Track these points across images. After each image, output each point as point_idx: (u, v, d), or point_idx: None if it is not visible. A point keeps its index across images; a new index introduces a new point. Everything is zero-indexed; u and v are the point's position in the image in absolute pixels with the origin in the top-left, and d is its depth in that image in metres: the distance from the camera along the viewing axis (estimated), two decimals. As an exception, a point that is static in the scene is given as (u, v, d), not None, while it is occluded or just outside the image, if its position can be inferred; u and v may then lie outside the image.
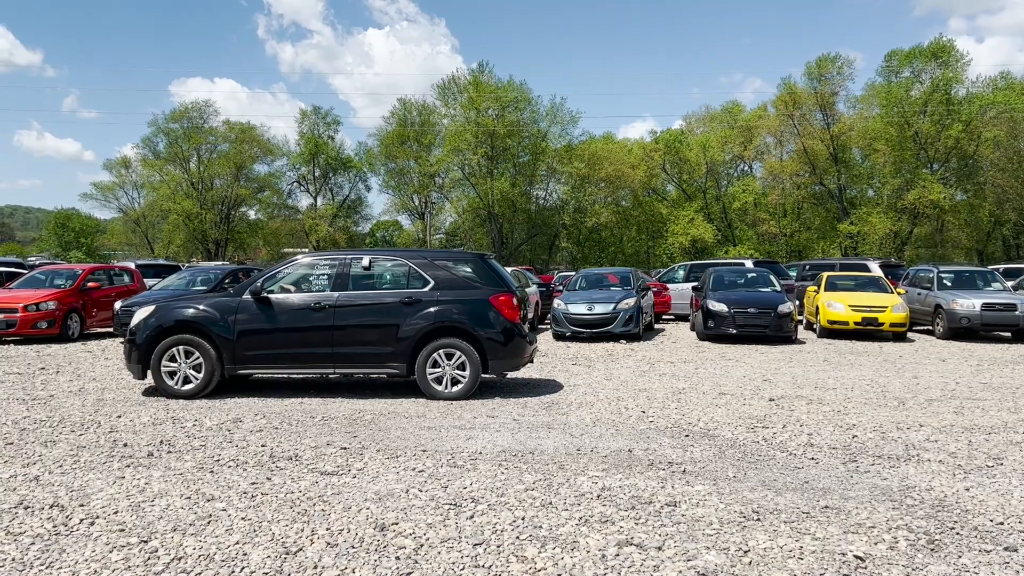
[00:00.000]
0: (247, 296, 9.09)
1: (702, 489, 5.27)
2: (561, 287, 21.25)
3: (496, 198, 51.71)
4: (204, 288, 17.04)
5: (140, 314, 9.27)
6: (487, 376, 9.39)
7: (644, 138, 64.50)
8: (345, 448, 6.45)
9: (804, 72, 51.87)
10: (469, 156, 52.01)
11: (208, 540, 4.30)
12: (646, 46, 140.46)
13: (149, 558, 4.06)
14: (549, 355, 13.68)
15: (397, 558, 4.04)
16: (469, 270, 9.51)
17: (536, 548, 4.17)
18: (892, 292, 17.92)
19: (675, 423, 7.62)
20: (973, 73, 59.92)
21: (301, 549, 4.17)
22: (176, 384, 8.97)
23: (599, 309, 16.52)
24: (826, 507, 4.88)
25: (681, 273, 24.75)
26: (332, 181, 65.00)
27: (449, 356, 9.04)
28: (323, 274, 9.39)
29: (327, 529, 4.47)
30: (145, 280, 19.90)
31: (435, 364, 9.04)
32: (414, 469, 5.77)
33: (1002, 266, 27.90)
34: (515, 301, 9.42)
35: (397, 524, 4.55)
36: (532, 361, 9.99)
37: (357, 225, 67.83)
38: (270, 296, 9.11)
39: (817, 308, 17.76)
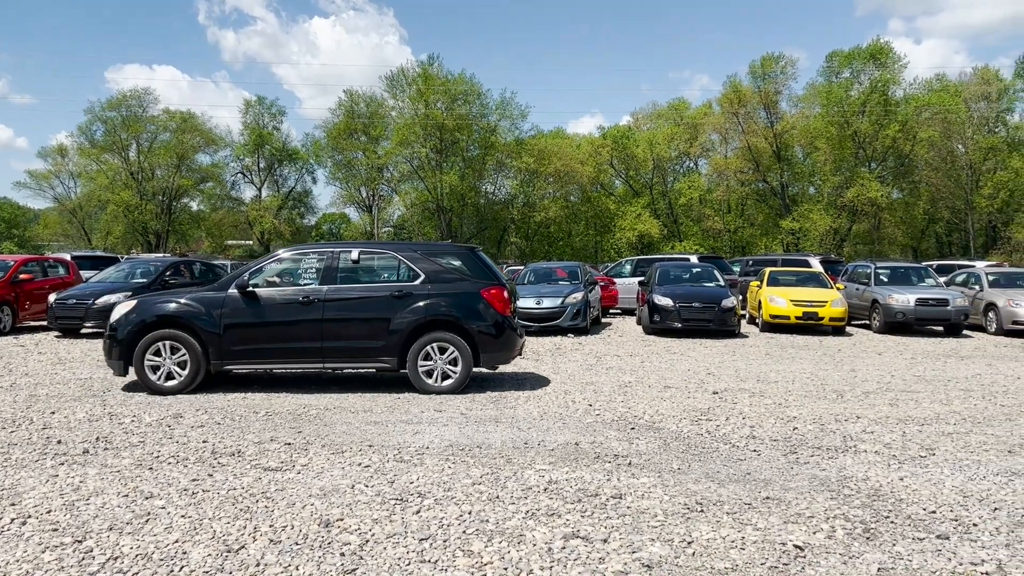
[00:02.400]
0: (233, 290, 8.90)
1: (647, 481, 5.33)
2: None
3: (445, 191, 51.54)
4: (144, 281, 16.62)
5: (120, 309, 9.03)
6: (478, 369, 9.33)
7: (593, 134, 65.12)
8: (289, 444, 6.36)
9: (749, 71, 52.91)
10: (418, 149, 51.71)
11: (146, 539, 4.19)
12: (596, 41, 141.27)
13: (84, 558, 3.94)
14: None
15: (342, 554, 4.00)
16: (459, 263, 9.47)
17: (483, 542, 4.17)
18: (831, 287, 18.38)
19: (621, 416, 7.69)
20: (910, 75, 61.78)
21: (243, 547, 4.10)
22: (160, 380, 8.75)
23: (547, 303, 16.58)
24: (767, 498, 4.98)
25: (628, 268, 25.00)
26: (277, 173, 64.02)
27: (441, 350, 9.00)
28: (311, 267, 9.27)
29: (270, 526, 4.39)
30: (82, 272, 19.32)
31: (426, 358, 8.98)
32: (360, 464, 5.72)
33: (935, 262, 28.85)
34: (506, 294, 9.39)
35: (342, 520, 4.50)
36: (521, 354, 9.90)
37: (303, 217, 66.93)
38: (257, 290, 8.95)
39: (760, 303, 18.12)
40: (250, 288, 8.91)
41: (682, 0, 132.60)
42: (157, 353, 8.74)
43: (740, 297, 19.38)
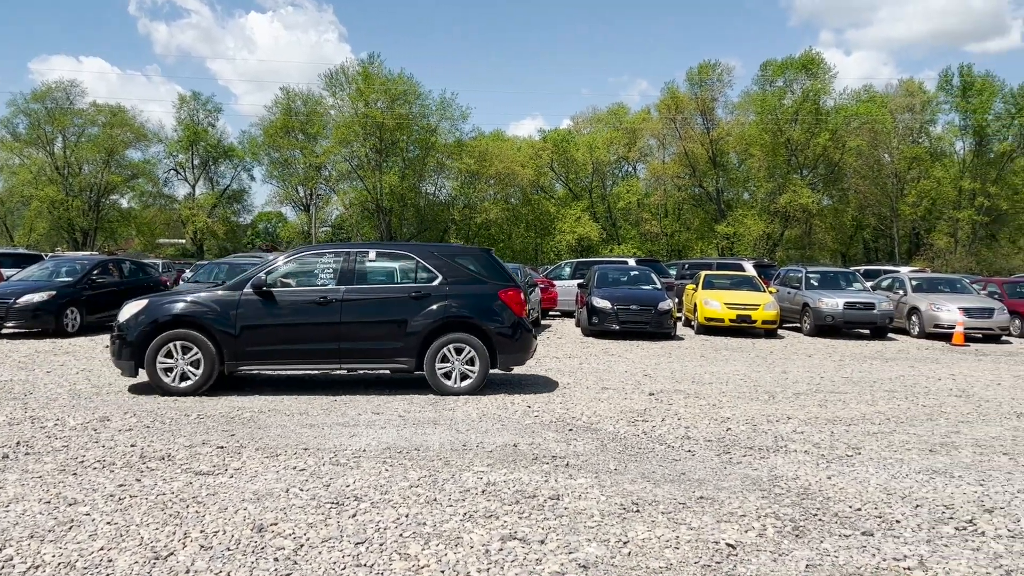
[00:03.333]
0: (248, 290, 8.76)
1: (584, 482, 5.37)
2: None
3: (385, 192, 51.14)
4: (69, 280, 16.05)
5: (130, 309, 8.80)
6: (495, 371, 9.31)
7: (533, 136, 65.37)
8: (222, 447, 6.22)
9: (686, 78, 53.88)
10: (357, 148, 51.18)
11: (69, 547, 4.04)
12: (536, 44, 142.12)
13: (3, 567, 3.78)
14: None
15: (276, 559, 3.92)
16: (475, 264, 9.48)
17: (420, 545, 4.14)
18: (764, 291, 18.82)
19: (559, 417, 7.74)
20: (840, 85, 63.68)
21: (172, 553, 3.99)
22: (173, 381, 8.56)
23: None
24: (701, 497, 5.07)
25: (567, 270, 25.17)
26: (213, 170, 62.55)
27: (458, 351, 9.00)
28: (327, 268, 9.13)
29: (201, 531, 4.29)
30: (3, 271, 18.55)
31: (444, 359, 8.97)
32: (295, 468, 5.62)
33: (863, 267, 29.82)
34: (522, 296, 9.45)
35: (276, 524, 4.42)
36: (533, 356, 9.89)
37: (239, 216, 65.53)
38: (274, 290, 8.82)
39: (695, 305, 18.45)
40: (266, 288, 8.79)
41: (621, 6, 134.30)
42: (169, 354, 8.57)
43: (676, 300, 19.70)
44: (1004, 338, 18.48)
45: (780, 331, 18.62)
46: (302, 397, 8.65)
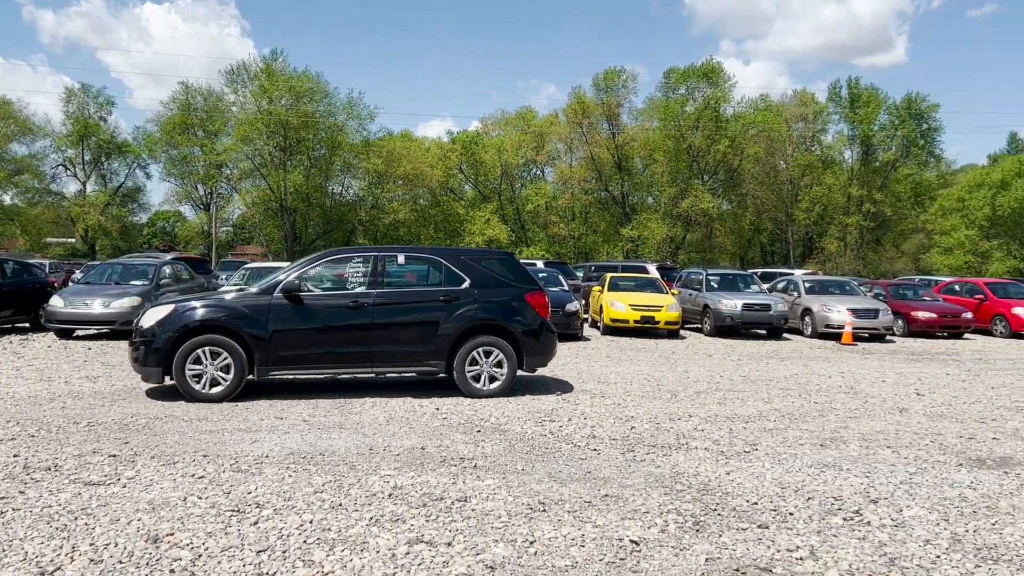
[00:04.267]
0: (279, 294, 8.65)
1: (492, 483, 5.39)
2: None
3: (289, 191, 49.95)
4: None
5: (155, 314, 8.58)
6: (522, 373, 9.46)
7: (442, 138, 65.19)
8: (114, 456, 5.94)
9: (592, 83, 54.84)
10: (260, 146, 49.78)
11: (-57, 566, 3.79)
12: (446, 45, 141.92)
13: None
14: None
15: (172, 571, 3.77)
16: (500, 268, 9.61)
17: (324, 551, 4.06)
18: (667, 293, 19.33)
19: (468, 419, 7.73)
20: (739, 94, 65.93)
21: (59, 568, 3.78)
22: (203, 387, 8.37)
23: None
24: (606, 495, 5.16)
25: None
26: (105, 166, 59.72)
27: (487, 353, 9.09)
28: (357, 271, 9.09)
29: (91, 544, 4.08)
30: None
31: (472, 362, 9.04)
32: (193, 475, 5.43)
33: (760, 270, 31.00)
34: (546, 298, 9.65)
35: (172, 535, 4.25)
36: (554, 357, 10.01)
37: (134, 215, 62.85)
38: (304, 294, 8.72)
39: (601, 307, 18.78)
40: (297, 292, 8.68)
41: (529, 11, 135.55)
42: (197, 360, 8.37)
43: (583, 301, 20.00)
44: (888, 337, 19.53)
45: (682, 332, 19.14)
46: (200, 403, 8.36)
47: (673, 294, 19.65)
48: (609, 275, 20.74)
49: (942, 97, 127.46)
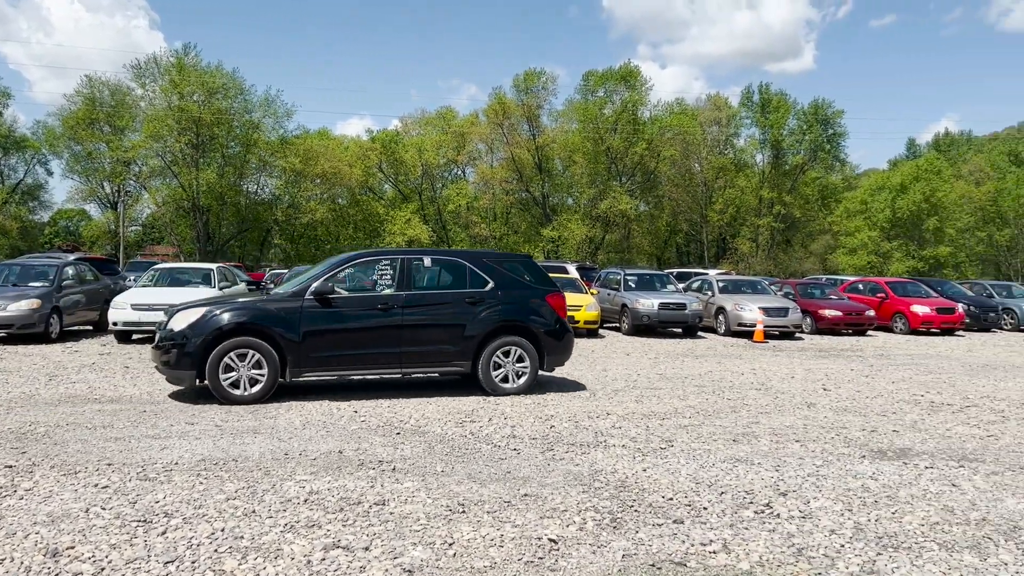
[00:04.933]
0: (310, 296, 8.72)
1: (411, 486, 5.33)
2: (273, 285, 20.45)
3: (202, 189, 48.47)
4: None
5: (185, 317, 8.54)
6: (543, 372, 9.78)
7: (361, 136, 64.46)
8: (10, 466, 5.63)
9: (513, 84, 55.10)
10: (171, 143, 48.12)
11: None
12: (365, 43, 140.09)
13: None
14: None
15: (72, 587, 3.60)
16: (521, 270, 9.92)
17: (236, 560, 3.95)
18: (586, 292, 19.56)
19: (387, 421, 7.65)
20: (655, 97, 67.40)
21: (-54, 589, 3.56)
22: (236, 390, 8.41)
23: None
24: (526, 495, 5.18)
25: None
26: (2, 163, 56.68)
27: (510, 353, 9.39)
28: (385, 274, 9.24)
29: (-17, 562, 3.86)
30: None
31: (497, 362, 9.32)
32: (97, 485, 5.19)
33: (675, 270, 31.68)
34: (565, 300, 10.01)
35: (73, 548, 4.05)
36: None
37: (34, 213, 59.91)
38: (334, 296, 8.84)
39: (522, 307, 18.83)
40: (328, 295, 8.77)
41: (450, 10, 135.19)
42: (230, 363, 8.39)
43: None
44: (797, 335, 20.25)
45: (601, 331, 19.41)
46: (106, 409, 8.03)
47: (592, 294, 19.91)
48: (529, 275, 20.82)
49: (847, 104, 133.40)
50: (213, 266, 17.70)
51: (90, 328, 16.95)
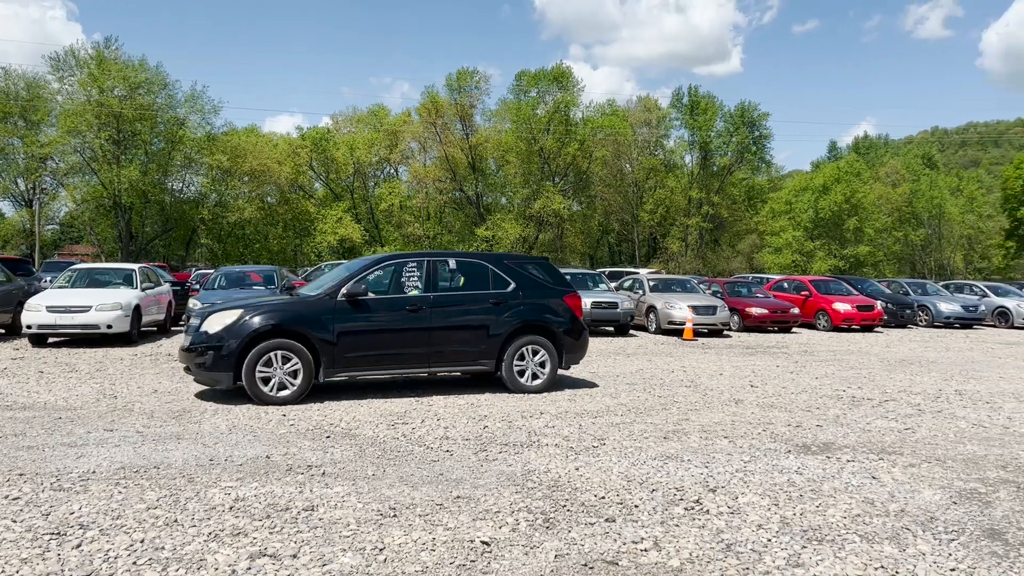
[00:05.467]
0: (342, 298, 8.90)
1: (341, 490, 5.23)
2: (199, 286, 19.91)
3: (124, 187, 46.77)
4: None
5: (220, 319, 8.63)
6: (561, 371, 10.12)
7: (291, 134, 63.27)
8: (-89, 480, 5.32)
9: (445, 83, 54.84)
10: (91, 139, 46.35)
11: None
12: (296, 38, 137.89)
13: None
14: (182, 359, 12.70)
15: (-23, 607, 3.41)
16: (539, 272, 10.26)
17: (156, 572, 3.80)
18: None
19: (317, 424, 7.50)
20: (587, 98, 68.07)
21: None
22: (272, 391, 8.50)
23: (240, 309, 15.73)
24: (458, 497, 5.13)
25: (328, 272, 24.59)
26: (-96, 158, 53.65)
27: (532, 352, 9.76)
28: (412, 275, 9.48)
29: None
30: None
31: (519, 361, 9.68)
32: (6, 497, 4.94)
33: (607, 269, 32.02)
34: (580, 300, 10.47)
35: (-21, 566, 3.84)
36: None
37: (-60, 211, 56.97)
38: (366, 298, 9.04)
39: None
40: (359, 296, 8.96)
41: (383, 7, 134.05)
42: (267, 364, 8.50)
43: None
44: (725, 332, 20.70)
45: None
46: (18, 416, 7.66)
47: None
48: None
49: (772, 106, 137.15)
50: (135, 266, 17.09)
51: (2, 331, 16.18)
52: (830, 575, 3.95)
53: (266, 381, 8.50)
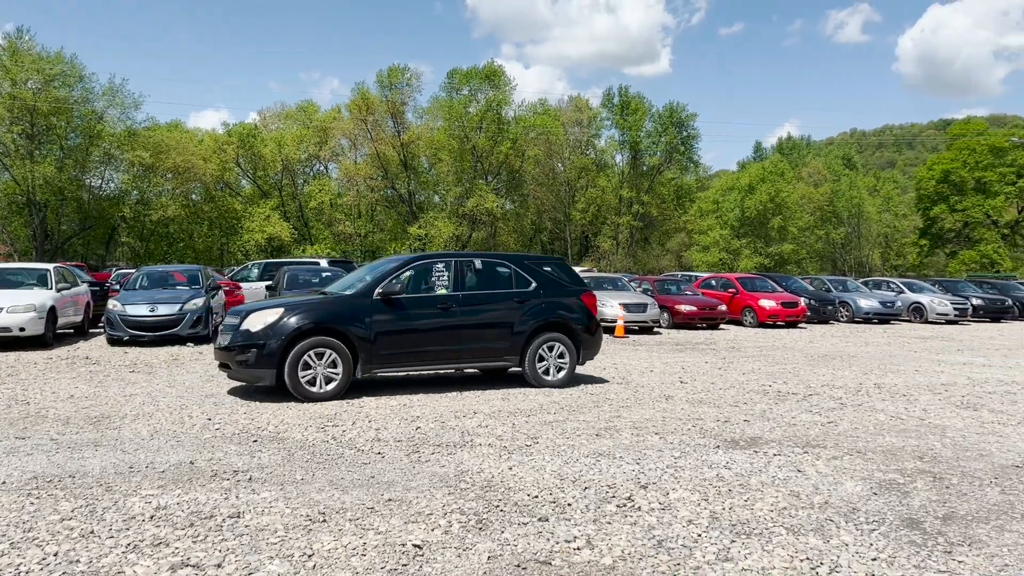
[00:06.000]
0: (377, 297, 9.26)
1: (268, 496, 5.10)
2: (119, 286, 19.22)
3: (38, 183, 44.81)
4: None
5: (261, 318, 8.90)
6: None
7: (217, 130, 61.56)
8: None
9: (376, 80, 54.21)
10: (2, 133, 44.27)
11: None
12: (221, 32, 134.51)
13: None
14: (102, 363, 12.23)
15: None
16: (557, 272, 10.76)
17: (70, 588, 3.62)
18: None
19: (244, 428, 7.30)
20: (519, 97, 68.31)
21: None
22: (317, 388, 8.80)
23: (163, 310, 15.26)
24: (390, 500, 5.05)
25: (256, 272, 24.12)
26: None
27: (551, 348, 10.18)
28: (441, 275, 9.85)
29: None
30: None
31: (540, 357, 10.11)
32: (-94, 513, 4.65)
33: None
34: (595, 299, 10.97)
35: None
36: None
37: None
38: (400, 297, 9.42)
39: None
40: (394, 296, 9.34)
41: (312, 1, 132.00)
42: (307, 362, 8.78)
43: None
44: (655, 329, 21.01)
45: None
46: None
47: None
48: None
49: (700, 107, 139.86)
50: (50, 266, 16.38)
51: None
52: (758, 568, 4.02)
53: (307, 378, 8.79)
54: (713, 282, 26.29)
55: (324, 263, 23.90)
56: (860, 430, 7.70)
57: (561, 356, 10.29)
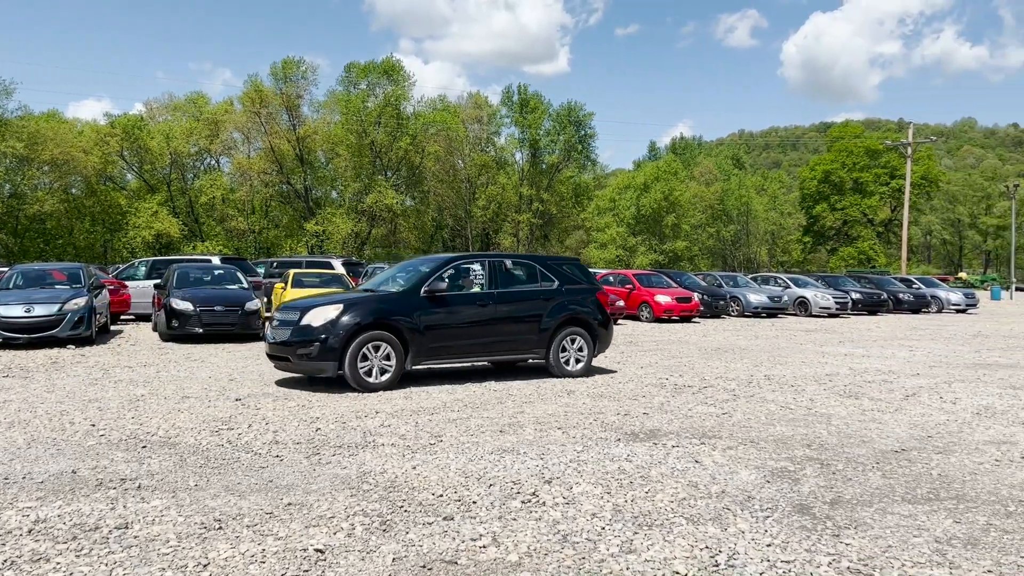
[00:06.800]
0: (424, 294, 10.01)
1: (159, 504, 4.85)
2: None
3: None
4: None
5: (322, 314, 9.49)
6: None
7: (99, 120, 58.49)
8: None
9: (270, 72, 52.73)
10: None
11: None
12: (104, 18, 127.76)
13: None
14: (-29, 367, 11.41)
15: None
16: (575, 271, 11.67)
17: (-63, 613, 3.34)
18: (353, 288, 19.15)
19: (131, 434, 6.94)
20: (419, 93, 67.82)
21: None
22: (374, 378, 9.45)
23: (41, 311, 14.35)
24: (290, 504, 4.90)
25: (143, 270, 23.00)
26: None
27: (572, 342, 11.03)
28: (477, 273, 10.66)
29: None
30: None
31: (563, 348, 10.97)
32: None
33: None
34: (608, 297, 11.46)
35: None
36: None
37: None
38: (444, 294, 10.14)
39: (284, 305, 18.09)
40: (438, 292, 10.06)
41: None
42: (365, 354, 9.43)
43: (265, 299, 19.15)
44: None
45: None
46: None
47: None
48: (292, 271, 20.03)
49: (598, 107, 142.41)
50: None
51: None
52: (660, 559, 4.10)
53: (365, 369, 9.41)
54: (611, 278, 26.79)
55: (216, 260, 23.05)
56: (753, 420, 7.99)
57: (580, 349, 11.11)
